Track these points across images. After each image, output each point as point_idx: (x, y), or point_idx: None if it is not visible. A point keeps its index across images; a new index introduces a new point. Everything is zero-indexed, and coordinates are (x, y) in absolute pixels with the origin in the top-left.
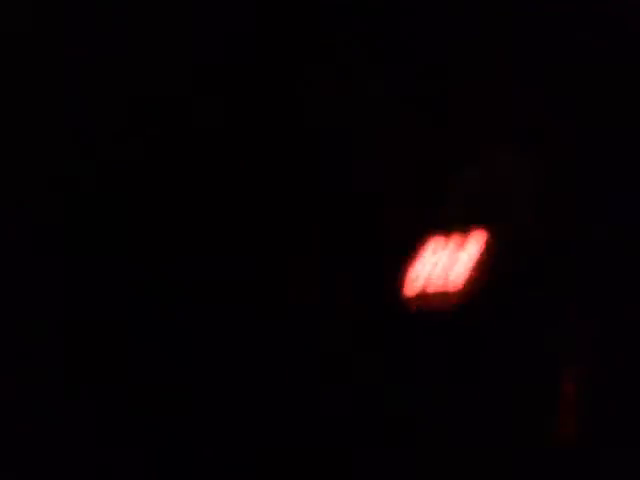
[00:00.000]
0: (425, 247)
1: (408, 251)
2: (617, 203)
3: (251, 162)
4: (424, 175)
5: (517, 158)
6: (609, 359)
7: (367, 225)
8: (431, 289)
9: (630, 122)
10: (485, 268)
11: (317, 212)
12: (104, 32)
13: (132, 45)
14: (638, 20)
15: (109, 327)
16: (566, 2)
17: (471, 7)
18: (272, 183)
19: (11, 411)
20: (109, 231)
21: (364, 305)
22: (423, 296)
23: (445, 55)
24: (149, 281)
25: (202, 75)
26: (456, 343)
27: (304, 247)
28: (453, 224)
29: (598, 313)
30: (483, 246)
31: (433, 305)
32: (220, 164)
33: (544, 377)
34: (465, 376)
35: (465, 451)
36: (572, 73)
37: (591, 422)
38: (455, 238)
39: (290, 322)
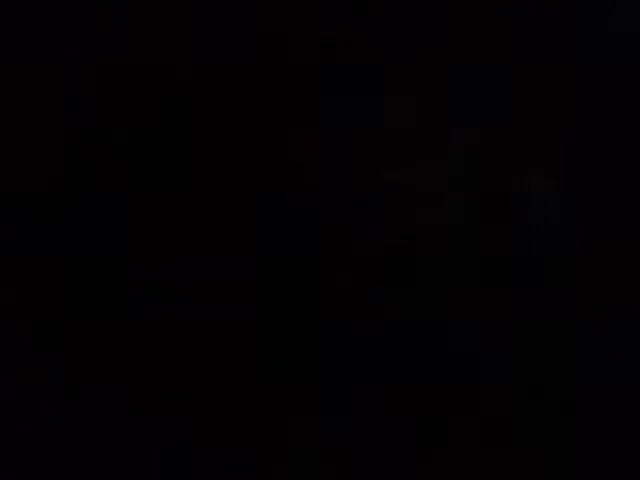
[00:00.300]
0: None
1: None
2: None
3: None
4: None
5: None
6: None
7: None
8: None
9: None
10: None
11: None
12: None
13: (132, 45)
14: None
15: (109, 327)
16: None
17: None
18: (271, 182)
19: (11, 411)
20: (109, 230)
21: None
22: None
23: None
24: (149, 281)
25: (202, 75)
26: None
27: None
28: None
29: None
30: None
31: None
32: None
33: None
34: None
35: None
36: (571, 73)
37: None
38: None
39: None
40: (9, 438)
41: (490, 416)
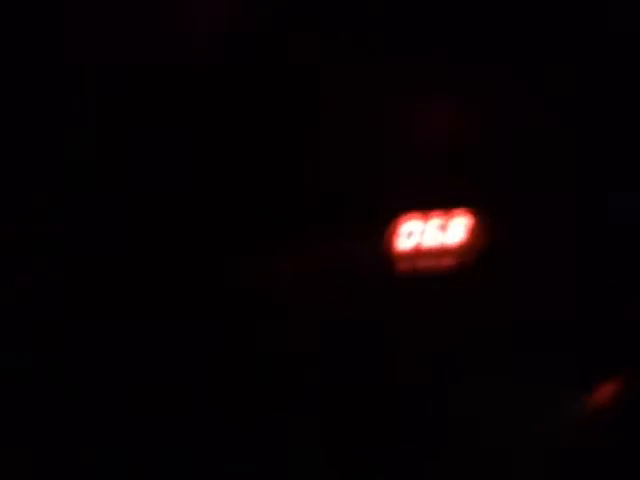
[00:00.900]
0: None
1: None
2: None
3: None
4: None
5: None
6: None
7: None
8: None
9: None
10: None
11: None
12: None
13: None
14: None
15: (109, 326)
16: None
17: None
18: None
19: (11, 411)
20: (108, 230)
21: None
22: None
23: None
24: (148, 281)
25: (201, 75)
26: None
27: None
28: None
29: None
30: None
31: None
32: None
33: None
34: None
35: None
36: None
37: None
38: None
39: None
40: (9, 438)
41: None
